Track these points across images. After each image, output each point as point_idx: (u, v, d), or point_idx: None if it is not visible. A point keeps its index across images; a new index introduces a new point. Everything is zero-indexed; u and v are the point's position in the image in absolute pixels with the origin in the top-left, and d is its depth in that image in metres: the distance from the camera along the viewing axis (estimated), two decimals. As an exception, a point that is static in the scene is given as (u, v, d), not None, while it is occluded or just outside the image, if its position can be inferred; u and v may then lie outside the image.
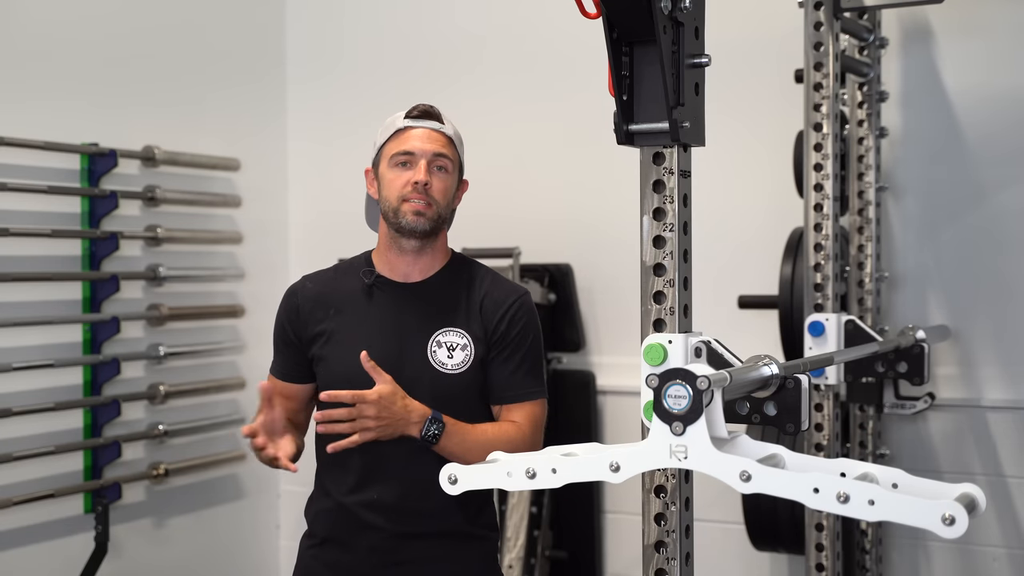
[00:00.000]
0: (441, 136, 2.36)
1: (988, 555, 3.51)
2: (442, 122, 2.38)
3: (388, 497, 2.31)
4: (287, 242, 4.62)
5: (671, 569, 1.83)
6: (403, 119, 2.37)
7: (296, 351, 2.42)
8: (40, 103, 3.68)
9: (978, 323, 3.56)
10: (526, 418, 2.36)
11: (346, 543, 2.37)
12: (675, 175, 1.80)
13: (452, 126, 2.40)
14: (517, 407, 2.36)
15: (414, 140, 2.34)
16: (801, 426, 1.81)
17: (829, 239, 2.95)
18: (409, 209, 2.32)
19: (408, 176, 2.33)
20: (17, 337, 3.56)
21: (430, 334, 2.35)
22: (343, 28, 4.54)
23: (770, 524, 3.35)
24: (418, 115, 2.37)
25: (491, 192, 3.89)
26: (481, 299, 2.38)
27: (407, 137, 2.35)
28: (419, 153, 2.33)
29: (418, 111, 2.37)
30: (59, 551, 3.68)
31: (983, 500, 1.56)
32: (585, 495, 3.96)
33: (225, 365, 4.33)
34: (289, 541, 4.44)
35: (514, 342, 2.36)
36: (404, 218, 2.32)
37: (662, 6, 1.73)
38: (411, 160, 2.34)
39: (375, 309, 2.38)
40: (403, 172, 2.33)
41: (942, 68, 3.60)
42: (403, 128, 2.36)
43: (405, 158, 2.34)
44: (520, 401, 2.36)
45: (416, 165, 2.33)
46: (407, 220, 2.32)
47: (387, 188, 2.35)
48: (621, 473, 1.68)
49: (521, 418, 2.35)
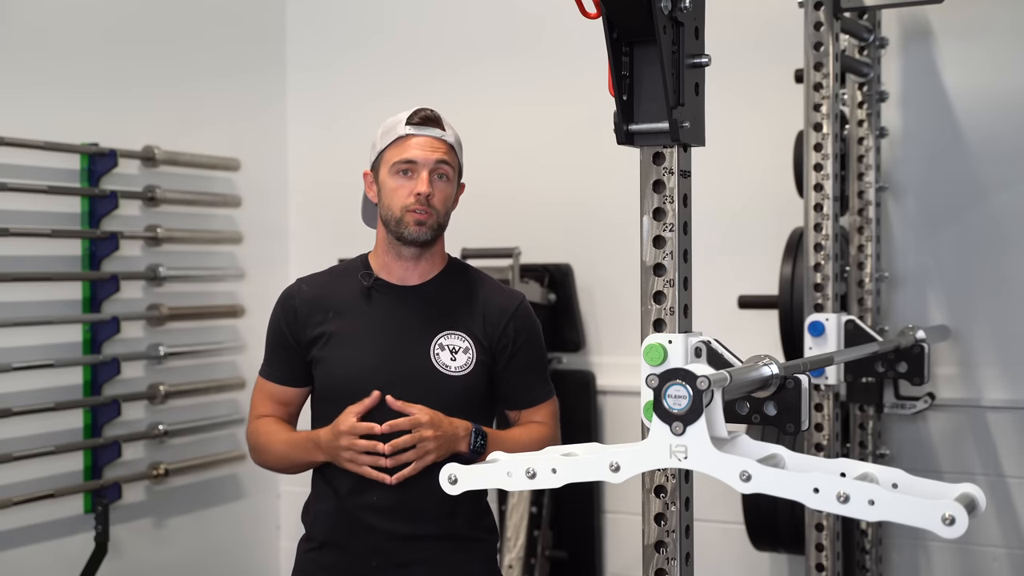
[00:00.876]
0: (442, 144, 2.36)
1: (988, 555, 3.51)
2: (443, 127, 2.38)
3: (387, 499, 2.31)
4: (287, 242, 4.61)
5: (671, 569, 1.83)
6: (404, 125, 2.35)
7: (294, 354, 2.42)
8: (40, 103, 3.68)
9: (978, 323, 3.56)
10: (549, 417, 2.46)
11: (345, 546, 2.36)
12: (675, 175, 1.80)
13: (452, 131, 2.40)
14: (536, 409, 2.45)
15: (416, 149, 2.34)
16: (801, 426, 1.81)
17: (829, 239, 2.95)
18: (412, 219, 2.32)
19: (410, 186, 2.33)
20: (17, 337, 3.56)
21: (432, 337, 2.35)
22: (344, 30, 4.54)
23: (770, 524, 3.35)
24: (419, 122, 2.36)
25: (491, 192, 3.89)
26: (484, 305, 2.40)
27: (409, 145, 2.34)
28: (421, 162, 2.33)
29: (419, 117, 2.36)
30: (59, 551, 3.68)
31: (983, 500, 1.56)
32: (585, 495, 3.96)
33: (225, 365, 4.32)
34: (289, 542, 4.44)
35: (524, 348, 2.41)
36: (406, 228, 2.33)
37: (662, 6, 1.73)
38: (413, 169, 2.33)
39: (375, 311, 2.38)
40: (405, 181, 2.34)
41: (942, 68, 3.60)
42: (404, 135, 2.35)
43: (407, 166, 2.34)
44: (539, 403, 2.45)
45: (418, 175, 2.33)
46: (409, 231, 2.33)
47: (389, 196, 2.35)
48: (621, 473, 1.68)
49: (544, 417, 2.45)
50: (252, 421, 2.47)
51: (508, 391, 2.42)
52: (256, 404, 2.47)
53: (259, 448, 2.44)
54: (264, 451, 2.44)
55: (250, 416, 2.49)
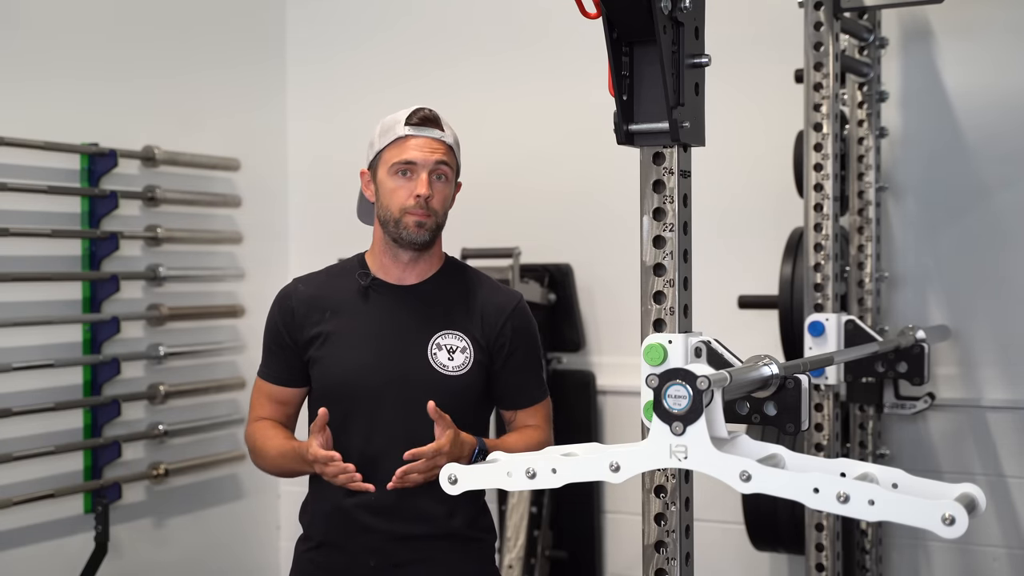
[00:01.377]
0: (441, 145, 2.36)
1: (988, 555, 3.51)
2: (441, 127, 2.38)
3: (386, 499, 2.30)
4: (287, 242, 4.61)
5: (671, 569, 1.83)
6: (403, 126, 2.35)
7: (292, 354, 2.42)
8: (40, 103, 3.68)
9: (978, 323, 3.56)
10: (543, 419, 2.47)
11: (343, 546, 2.37)
12: (675, 175, 1.80)
13: (451, 130, 2.40)
14: (532, 410, 2.46)
15: (415, 150, 2.33)
16: (801, 426, 1.81)
17: (829, 239, 2.95)
18: (411, 221, 2.32)
19: (410, 187, 2.33)
20: (17, 337, 3.56)
21: (430, 336, 2.36)
22: (344, 30, 4.54)
23: (770, 524, 3.35)
24: (418, 122, 2.35)
25: (491, 192, 3.89)
26: (481, 305, 2.40)
27: (408, 146, 2.34)
28: (421, 163, 2.33)
29: (418, 118, 2.36)
30: (59, 551, 3.68)
31: (983, 500, 1.56)
32: (585, 495, 3.96)
33: (225, 365, 4.32)
34: (289, 542, 4.39)
35: (521, 348, 2.42)
36: (405, 230, 2.33)
37: (662, 6, 1.73)
38: (412, 170, 2.33)
39: (372, 311, 2.38)
40: (404, 182, 2.33)
41: (942, 68, 3.60)
42: (403, 136, 2.35)
43: (406, 167, 2.33)
44: (534, 404, 2.46)
45: (417, 176, 2.33)
46: (408, 232, 2.33)
47: (387, 197, 2.35)
48: (621, 473, 1.68)
49: (539, 420, 2.46)
50: (251, 423, 2.48)
51: (504, 391, 2.42)
52: (255, 405, 2.48)
53: (255, 452, 2.46)
54: (260, 456, 2.45)
55: (249, 417, 2.49)
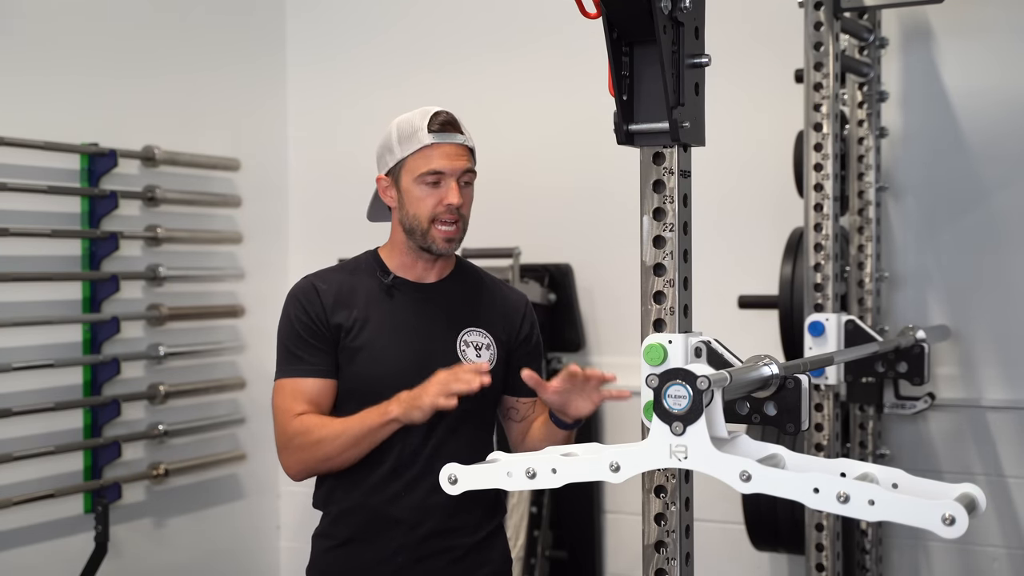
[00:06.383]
0: (465, 150, 2.36)
1: (988, 555, 3.51)
2: (461, 131, 2.37)
3: (415, 494, 2.32)
4: (287, 242, 4.61)
5: (671, 569, 1.83)
6: (427, 133, 2.32)
7: (329, 343, 2.33)
8: (40, 103, 3.68)
9: (978, 323, 3.56)
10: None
11: (372, 542, 2.35)
12: (675, 175, 1.80)
13: (468, 132, 2.40)
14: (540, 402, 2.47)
15: (442, 159, 2.32)
16: (801, 426, 1.81)
17: (829, 239, 2.95)
18: (440, 236, 2.33)
19: (438, 195, 2.32)
20: (17, 337, 3.56)
21: (457, 334, 2.38)
22: (344, 30, 4.54)
23: (770, 524, 3.35)
24: (440, 128, 2.34)
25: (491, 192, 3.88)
26: (500, 302, 2.46)
27: (434, 155, 2.32)
28: (449, 172, 2.33)
29: (439, 124, 2.34)
30: (59, 551, 3.68)
31: (983, 500, 1.56)
32: (585, 495, 3.96)
33: (225, 365, 4.32)
34: (289, 542, 4.44)
35: (535, 344, 2.50)
36: (434, 243, 2.34)
37: (662, 6, 1.73)
38: (441, 179, 2.33)
39: (398, 309, 2.38)
40: (433, 191, 2.33)
41: (942, 68, 3.60)
42: (429, 144, 2.33)
43: (435, 177, 2.33)
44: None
45: (446, 184, 2.33)
46: (437, 246, 2.34)
47: (414, 205, 2.34)
48: (621, 473, 1.68)
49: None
50: (290, 421, 2.29)
51: (517, 380, 2.38)
52: (288, 407, 2.30)
53: (310, 438, 2.27)
54: (318, 440, 2.27)
55: (282, 420, 2.31)
